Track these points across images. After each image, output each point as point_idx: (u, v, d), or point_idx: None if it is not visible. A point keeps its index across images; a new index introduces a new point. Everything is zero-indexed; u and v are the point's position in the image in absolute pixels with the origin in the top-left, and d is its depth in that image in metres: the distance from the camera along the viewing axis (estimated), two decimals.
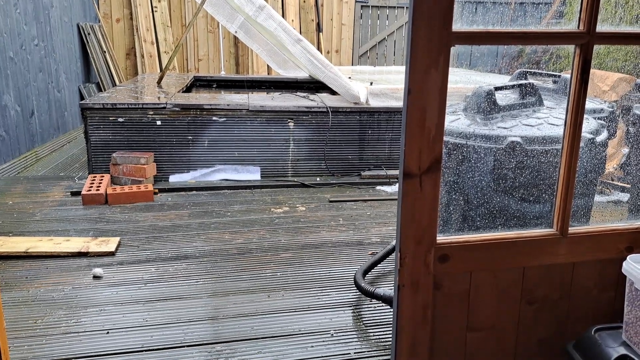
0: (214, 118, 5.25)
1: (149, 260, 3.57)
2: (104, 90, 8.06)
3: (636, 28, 1.91)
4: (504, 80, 4.67)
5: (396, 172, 5.40)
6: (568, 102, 1.91)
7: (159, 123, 5.17)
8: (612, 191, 4.18)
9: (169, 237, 3.94)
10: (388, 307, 2.92)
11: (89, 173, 5.21)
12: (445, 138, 1.80)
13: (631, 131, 3.86)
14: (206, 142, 5.28)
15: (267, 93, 6.82)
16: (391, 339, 2.00)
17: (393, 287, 2.05)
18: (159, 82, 6.54)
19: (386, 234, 4.07)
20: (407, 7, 1.66)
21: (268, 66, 9.04)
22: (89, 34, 8.12)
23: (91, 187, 4.69)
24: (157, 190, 4.97)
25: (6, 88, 5.53)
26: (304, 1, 9.85)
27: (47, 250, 3.61)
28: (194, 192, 5.04)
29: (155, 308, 2.97)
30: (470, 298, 1.97)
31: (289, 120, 5.38)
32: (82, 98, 7.65)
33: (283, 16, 9.28)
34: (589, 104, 3.21)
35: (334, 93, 6.10)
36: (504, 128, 2.80)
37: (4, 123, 5.47)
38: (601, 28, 1.82)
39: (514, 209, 2.75)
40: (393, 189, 5.21)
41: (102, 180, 4.88)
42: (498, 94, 3.04)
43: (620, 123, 4.08)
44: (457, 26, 1.69)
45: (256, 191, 5.13)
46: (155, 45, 9.12)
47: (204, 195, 4.98)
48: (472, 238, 1.93)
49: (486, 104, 2.94)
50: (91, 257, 3.60)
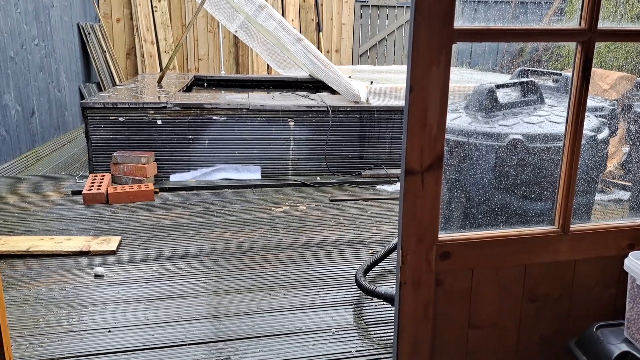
0: (215, 117, 5.24)
1: (150, 259, 3.57)
2: (105, 89, 8.06)
3: (637, 25, 1.90)
4: (505, 79, 4.66)
5: (396, 171, 5.40)
6: (569, 99, 1.91)
7: (160, 122, 5.17)
8: (613, 189, 4.18)
9: (170, 236, 3.94)
10: (389, 306, 2.92)
11: (90, 172, 5.21)
12: (446, 136, 1.81)
13: (632, 129, 3.86)
14: (207, 142, 5.28)
15: (268, 92, 6.82)
16: (392, 337, 2.00)
17: (394, 285, 2.05)
18: (160, 82, 6.54)
19: (387, 233, 4.07)
20: (408, 7, 1.65)
21: (268, 66, 9.04)
22: (89, 34, 8.12)
23: (92, 187, 4.69)
24: (158, 189, 4.97)
25: (7, 88, 5.53)
26: (304, 1, 9.85)
27: (49, 249, 3.61)
28: (195, 192, 5.04)
29: (156, 307, 2.97)
30: (471, 296, 1.97)
31: (290, 119, 5.38)
32: (83, 98, 7.65)
33: (283, 16, 9.28)
34: (590, 102, 3.20)
35: (334, 92, 6.10)
36: (506, 126, 2.80)
37: (5, 123, 5.47)
38: (602, 25, 1.82)
39: (516, 207, 2.75)
40: (393, 188, 5.21)
41: (103, 179, 4.88)
42: (499, 92, 3.04)
43: (620, 121, 4.08)
44: (459, 23, 1.69)
45: (257, 190, 5.13)
46: (155, 45, 9.12)
47: (205, 194, 4.98)
48: (474, 235, 1.93)
49: (487, 102, 2.94)
50: (92, 256, 3.59)
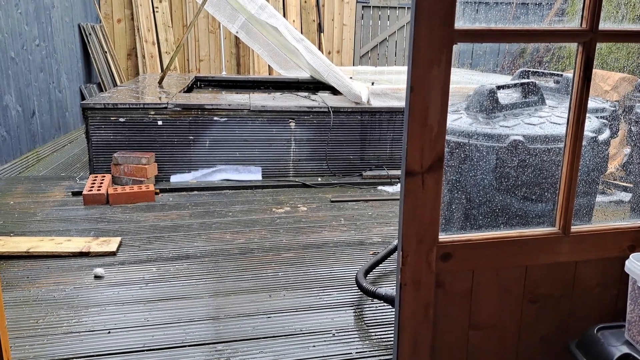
0: (215, 118, 5.24)
1: (150, 260, 3.57)
2: (105, 90, 8.06)
3: (639, 26, 1.90)
4: (506, 80, 4.66)
5: (397, 172, 5.39)
6: (570, 100, 1.91)
7: (160, 123, 5.16)
8: (614, 191, 4.17)
9: (170, 237, 3.94)
10: (389, 307, 2.92)
11: (90, 173, 5.21)
12: (447, 137, 1.80)
13: (633, 131, 3.85)
14: (207, 142, 5.28)
15: (269, 93, 6.81)
16: (393, 338, 1.99)
17: (395, 286, 2.04)
18: (160, 82, 6.54)
19: (387, 234, 4.06)
20: (409, 8, 1.65)
21: (269, 66, 9.04)
22: (90, 34, 8.13)
23: (92, 187, 4.69)
24: (159, 190, 4.97)
25: (7, 88, 5.53)
26: (305, 1, 9.85)
27: (49, 250, 3.60)
28: (195, 192, 5.04)
29: (156, 308, 2.96)
30: (472, 296, 1.97)
31: (291, 120, 5.37)
32: (83, 98, 7.65)
33: (284, 16, 9.29)
34: (591, 103, 3.20)
35: (336, 93, 6.10)
36: (506, 127, 2.79)
37: (5, 123, 5.47)
38: (604, 26, 1.82)
39: (516, 208, 2.75)
40: (394, 189, 5.21)
41: (103, 180, 4.88)
42: (500, 93, 3.03)
43: (622, 123, 4.08)
44: (460, 24, 1.69)
45: (257, 191, 5.12)
46: (156, 45, 9.13)
47: (205, 195, 4.98)
48: (475, 237, 1.93)
49: (488, 103, 2.93)
50: (92, 257, 3.59)
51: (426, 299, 1.91)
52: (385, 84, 6.23)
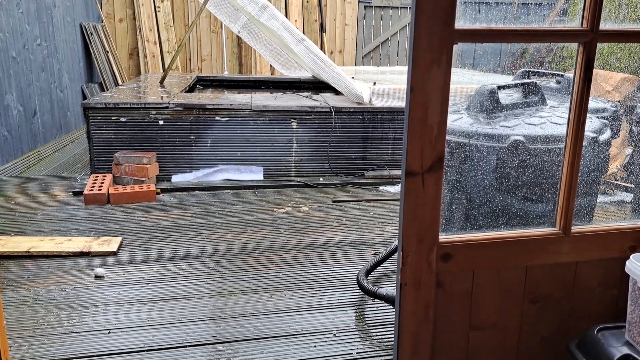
0: (217, 118, 5.24)
1: (151, 260, 3.57)
2: (107, 90, 8.06)
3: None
4: (507, 80, 4.65)
5: (399, 173, 5.38)
6: (571, 101, 1.90)
7: (162, 123, 5.16)
8: (616, 191, 4.17)
9: (171, 237, 3.94)
10: (390, 307, 2.91)
11: (91, 173, 5.21)
12: (447, 137, 1.80)
13: (635, 131, 3.85)
14: (209, 142, 5.28)
15: (270, 93, 6.82)
16: (393, 338, 1.99)
17: (395, 286, 2.04)
18: (162, 82, 6.54)
19: (389, 234, 4.06)
20: (410, 7, 1.64)
21: (271, 66, 9.04)
22: (92, 34, 8.13)
23: (93, 187, 4.69)
24: (160, 190, 4.97)
25: (9, 88, 5.54)
26: (307, 1, 9.85)
27: (49, 250, 3.60)
28: (197, 192, 5.04)
29: (157, 308, 2.96)
30: (472, 297, 1.96)
31: (292, 120, 5.37)
32: (85, 98, 7.66)
33: (286, 16, 9.28)
34: (592, 104, 3.19)
35: (337, 93, 6.10)
36: (507, 127, 2.79)
37: (7, 123, 5.47)
38: (604, 26, 1.81)
39: (517, 208, 2.74)
40: (396, 189, 5.20)
41: (105, 180, 4.88)
42: (501, 93, 3.03)
43: (623, 123, 4.07)
44: (460, 24, 1.68)
45: (259, 191, 5.12)
46: (158, 45, 9.13)
47: (207, 195, 4.98)
48: (475, 237, 1.92)
49: (489, 103, 2.93)
50: (93, 257, 3.59)
51: (426, 299, 1.91)
52: (387, 84, 6.22)
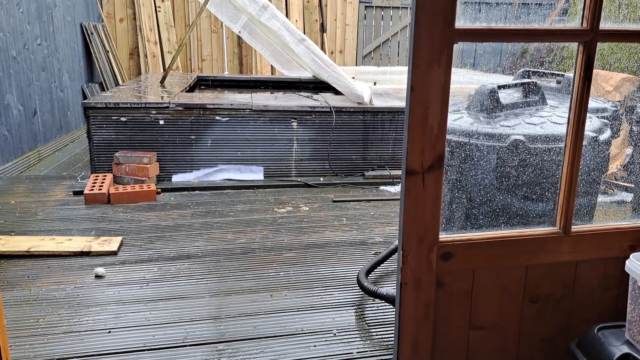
0: (217, 118, 5.24)
1: (151, 259, 3.57)
2: (107, 89, 8.06)
3: None
4: (508, 80, 4.65)
5: (399, 172, 5.38)
6: (571, 100, 1.90)
7: (162, 122, 5.17)
8: (616, 191, 4.17)
9: (172, 237, 3.94)
10: (391, 307, 2.91)
11: (92, 172, 5.21)
12: (448, 136, 1.80)
13: (635, 131, 3.84)
14: (209, 142, 5.28)
15: (271, 93, 6.82)
16: (393, 338, 1.99)
17: (395, 286, 2.04)
18: (162, 82, 6.54)
19: (389, 234, 4.06)
20: (411, 7, 1.64)
21: (272, 66, 9.04)
22: (92, 34, 8.13)
23: (94, 187, 4.69)
24: (160, 189, 4.97)
25: (9, 87, 5.54)
26: (308, 1, 9.85)
27: (49, 249, 3.60)
28: (197, 192, 5.04)
29: (157, 307, 2.96)
30: (472, 296, 1.96)
31: (293, 120, 5.37)
32: (85, 97, 7.66)
33: (287, 16, 9.29)
34: (592, 104, 3.19)
35: (338, 93, 6.10)
36: (507, 126, 2.79)
37: (7, 122, 5.47)
38: (604, 26, 1.81)
39: (517, 207, 2.74)
40: (396, 189, 5.20)
41: (105, 179, 4.88)
42: (501, 93, 3.03)
43: (623, 123, 4.07)
44: (460, 23, 1.68)
45: (259, 191, 5.12)
46: (158, 45, 9.13)
47: (207, 195, 4.98)
48: (475, 236, 1.92)
49: (489, 103, 2.93)
50: (93, 257, 3.59)
51: (426, 299, 1.91)
52: (387, 84, 6.23)
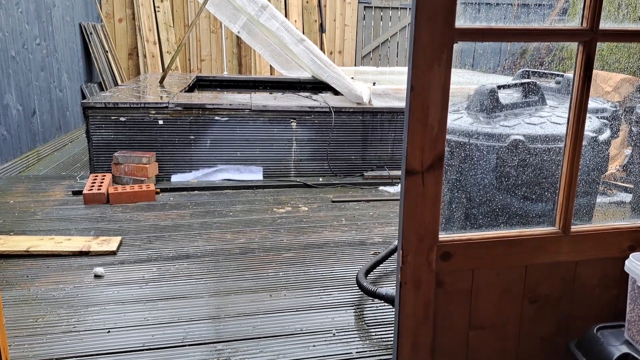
0: (216, 118, 5.24)
1: (151, 259, 3.57)
2: (106, 89, 8.06)
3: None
4: (507, 80, 4.65)
5: (399, 173, 5.38)
6: (571, 100, 1.90)
7: (161, 122, 5.16)
8: (615, 191, 4.17)
9: (171, 237, 3.93)
10: (390, 307, 2.91)
11: (91, 172, 5.21)
12: (447, 136, 1.80)
13: (634, 131, 3.84)
14: (208, 142, 5.28)
15: (270, 93, 6.81)
16: (393, 338, 1.99)
17: (395, 286, 2.04)
18: (161, 82, 6.54)
19: (388, 234, 4.06)
20: (410, 8, 1.65)
21: (271, 67, 9.05)
22: (91, 34, 8.13)
23: (93, 187, 4.69)
24: (159, 189, 4.97)
25: (8, 87, 5.54)
26: (307, 2, 9.85)
27: (49, 249, 3.60)
28: (196, 192, 5.04)
29: (156, 307, 2.96)
30: (472, 296, 1.96)
31: (292, 120, 5.37)
32: (84, 97, 7.65)
33: (286, 16, 9.28)
34: (591, 104, 3.19)
35: (337, 93, 6.10)
36: (507, 126, 2.79)
37: (6, 122, 5.47)
38: (604, 25, 1.81)
39: (517, 207, 2.74)
40: (396, 190, 5.20)
41: (104, 179, 4.88)
42: (501, 93, 3.03)
43: (623, 124, 4.07)
44: (460, 23, 1.68)
45: (258, 191, 5.12)
46: (157, 45, 9.13)
47: (206, 195, 4.98)
48: (475, 236, 1.92)
49: (489, 103, 2.93)
50: (92, 257, 3.59)
51: (426, 299, 1.91)
52: (386, 85, 6.23)
